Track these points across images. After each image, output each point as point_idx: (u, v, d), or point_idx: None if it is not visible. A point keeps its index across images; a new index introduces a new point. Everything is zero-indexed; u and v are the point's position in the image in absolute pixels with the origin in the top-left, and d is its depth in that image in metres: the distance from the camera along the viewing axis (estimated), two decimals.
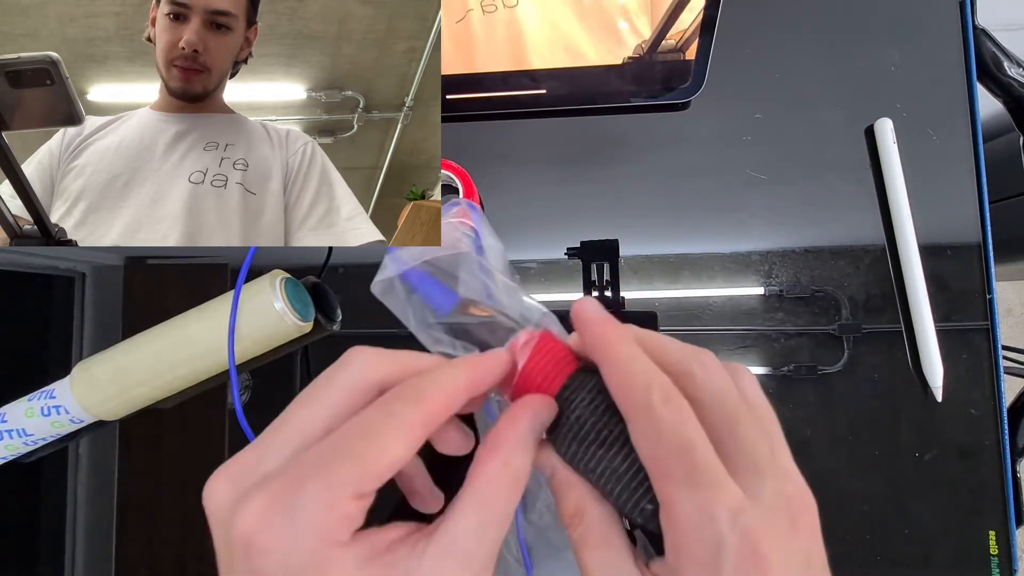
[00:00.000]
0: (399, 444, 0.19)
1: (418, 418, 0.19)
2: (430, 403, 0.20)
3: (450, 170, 0.45)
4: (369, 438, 0.18)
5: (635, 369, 0.20)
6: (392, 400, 0.20)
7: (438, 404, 0.20)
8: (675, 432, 0.19)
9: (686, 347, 0.22)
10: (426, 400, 0.20)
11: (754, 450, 0.19)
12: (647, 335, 0.22)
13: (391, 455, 0.18)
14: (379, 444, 0.18)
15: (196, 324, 0.40)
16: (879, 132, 0.48)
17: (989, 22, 0.50)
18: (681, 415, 0.19)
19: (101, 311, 0.51)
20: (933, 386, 0.46)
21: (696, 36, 0.45)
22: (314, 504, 0.17)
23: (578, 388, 0.22)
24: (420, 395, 0.20)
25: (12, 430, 0.41)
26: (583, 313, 0.22)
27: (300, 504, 0.17)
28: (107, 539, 0.48)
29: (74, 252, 0.51)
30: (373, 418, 0.19)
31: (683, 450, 0.19)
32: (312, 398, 0.21)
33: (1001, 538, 0.45)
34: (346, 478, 0.18)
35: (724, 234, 0.49)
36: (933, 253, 0.47)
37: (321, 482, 0.17)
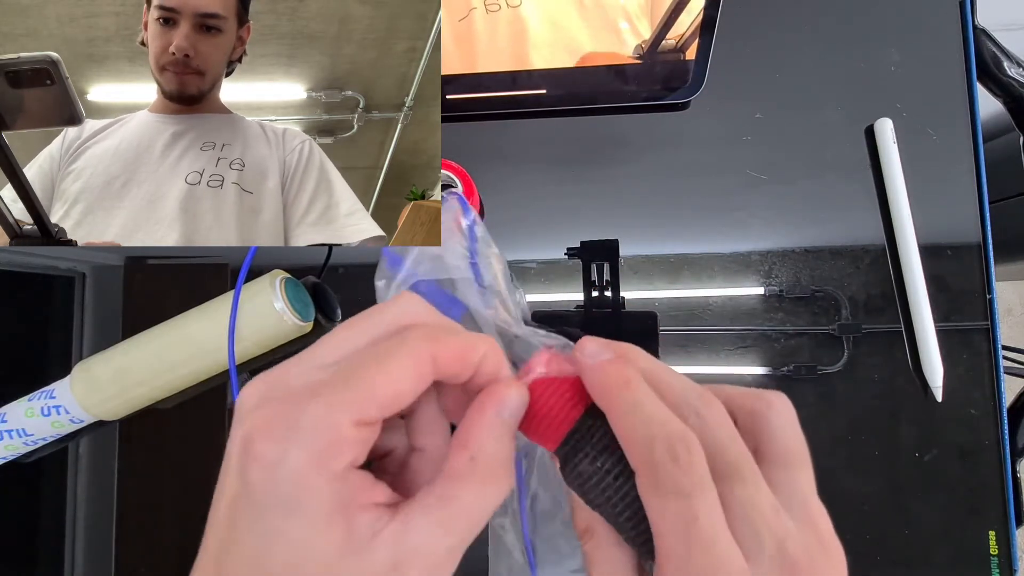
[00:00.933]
0: (406, 374, 0.18)
1: (428, 353, 0.19)
2: (445, 345, 0.19)
3: (450, 170, 0.44)
4: (377, 363, 0.18)
5: (637, 421, 0.19)
6: (408, 332, 0.19)
7: (453, 349, 0.19)
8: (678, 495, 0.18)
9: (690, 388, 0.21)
10: (441, 341, 0.19)
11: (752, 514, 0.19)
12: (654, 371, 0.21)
13: (395, 383, 0.18)
14: (385, 369, 0.18)
15: (196, 324, 0.40)
16: (879, 132, 0.48)
17: (989, 22, 0.50)
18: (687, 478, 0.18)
19: (101, 311, 0.51)
20: (933, 386, 0.46)
21: (696, 36, 0.45)
22: (314, 420, 0.17)
23: (584, 437, 0.21)
24: (437, 335, 0.19)
25: (12, 430, 0.41)
26: (581, 359, 0.21)
27: (301, 418, 0.17)
28: (107, 539, 0.48)
29: (74, 252, 0.51)
30: (386, 345, 0.19)
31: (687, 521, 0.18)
32: (355, 325, 0.20)
33: (1001, 538, 0.45)
34: (349, 399, 0.17)
35: (724, 234, 0.49)
36: (933, 253, 0.47)
37: (324, 401, 0.17)
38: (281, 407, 0.18)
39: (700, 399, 0.20)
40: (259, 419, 0.18)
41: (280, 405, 0.18)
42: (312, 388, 0.18)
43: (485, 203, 0.49)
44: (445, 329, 0.20)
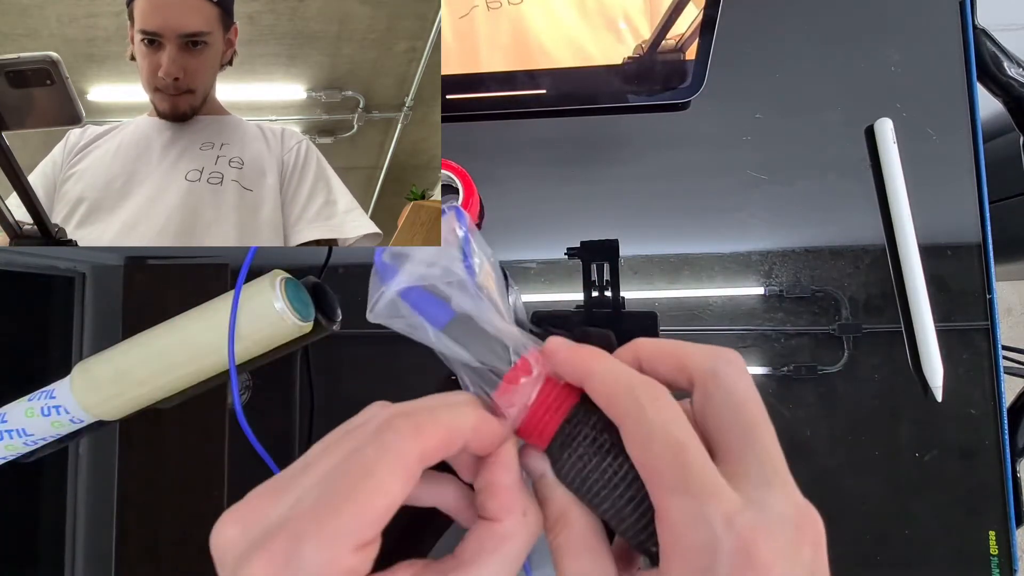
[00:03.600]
0: (395, 483, 0.18)
1: (414, 452, 0.18)
2: (426, 438, 0.19)
3: (450, 170, 0.44)
4: (364, 479, 0.18)
5: (616, 377, 0.20)
6: (385, 431, 0.19)
7: (436, 438, 0.19)
8: (664, 432, 0.19)
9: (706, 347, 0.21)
10: (423, 434, 0.19)
11: (771, 459, 0.19)
12: (663, 342, 0.22)
13: (387, 495, 0.18)
14: (374, 484, 0.18)
15: (196, 324, 0.40)
16: (879, 132, 0.48)
17: (989, 22, 0.50)
18: (669, 414, 0.19)
19: (101, 311, 0.51)
20: (933, 386, 0.46)
21: (696, 36, 0.45)
22: (314, 562, 0.17)
23: (581, 421, 0.21)
24: (418, 426, 0.19)
25: (12, 430, 0.41)
26: (550, 351, 0.22)
27: (299, 563, 0.16)
28: (107, 539, 0.48)
29: (74, 252, 0.51)
30: (367, 455, 0.18)
31: (674, 452, 0.18)
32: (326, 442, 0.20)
33: (1001, 538, 0.45)
34: (343, 529, 0.17)
35: (724, 234, 0.49)
36: (933, 253, 0.47)
37: (319, 538, 0.17)
38: (274, 554, 0.17)
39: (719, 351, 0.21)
40: (255, 573, 0.17)
41: (272, 552, 0.17)
42: (299, 524, 0.17)
43: (485, 203, 0.49)
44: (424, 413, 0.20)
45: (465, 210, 0.42)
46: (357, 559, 0.17)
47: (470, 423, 0.20)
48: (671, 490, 0.18)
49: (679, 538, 0.18)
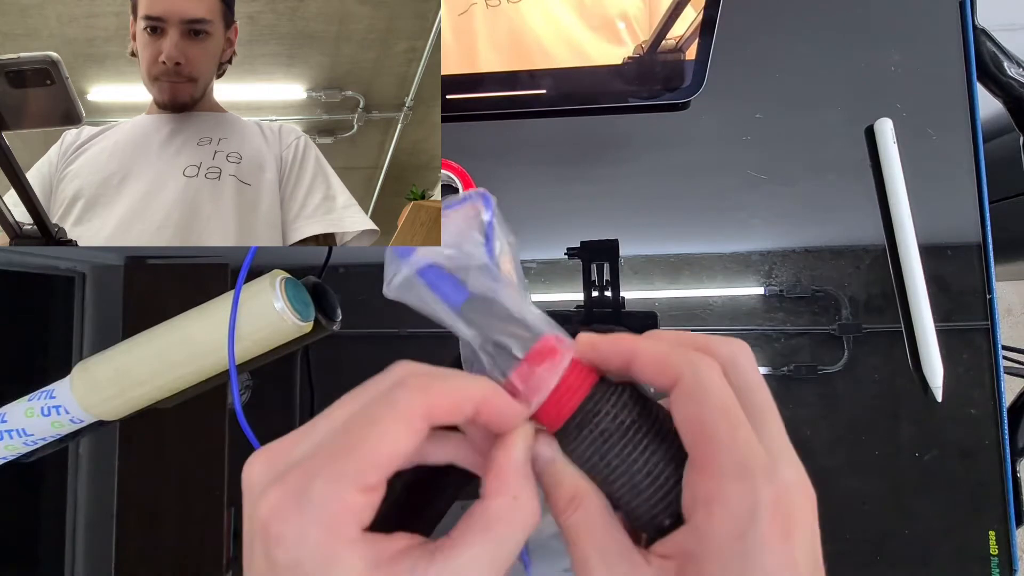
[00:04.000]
0: (399, 433, 0.19)
1: (419, 408, 0.20)
2: (434, 396, 0.20)
3: (450, 170, 0.45)
4: (371, 427, 0.19)
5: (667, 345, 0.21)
6: (396, 389, 0.20)
7: (442, 399, 0.20)
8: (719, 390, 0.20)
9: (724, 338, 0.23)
10: (431, 392, 0.20)
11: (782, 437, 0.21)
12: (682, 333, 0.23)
13: (391, 444, 0.19)
14: (379, 432, 0.19)
15: (196, 324, 0.40)
16: (879, 132, 0.48)
17: (989, 22, 0.50)
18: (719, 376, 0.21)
19: (101, 311, 0.51)
20: (933, 386, 0.46)
21: (696, 36, 0.45)
22: (321, 496, 0.18)
23: (603, 399, 0.22)
24: (426, 387, 0.20)
25: (12, 430, 0.41)
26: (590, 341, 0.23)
27: (309, 496, 0.18)
28: (107, 539, 0.48)
29: (74, 252, 0.51)
30: (376, 407, 0.20)
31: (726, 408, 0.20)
32: (353, 397, 0.21)
33: (1001, 538, 0.45)
34: (350, 470, 0.18)
35: (724, 234, 0.49)
36: (933, 253, 0.47)
37: (328, 475, 0.18)
38: (288, 487, 0.19)
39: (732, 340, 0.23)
40: (271, 502, 0.19)
41: (286, 485, 0.19)
42: (313, 462, 0.19)
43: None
44: (435, 378, 0.21)
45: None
46: (361, 500, 0.19)
47: (480, 393, 0.21)
48: (721, 445, 0.19)
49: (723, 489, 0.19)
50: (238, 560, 0.48)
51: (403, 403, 0.19)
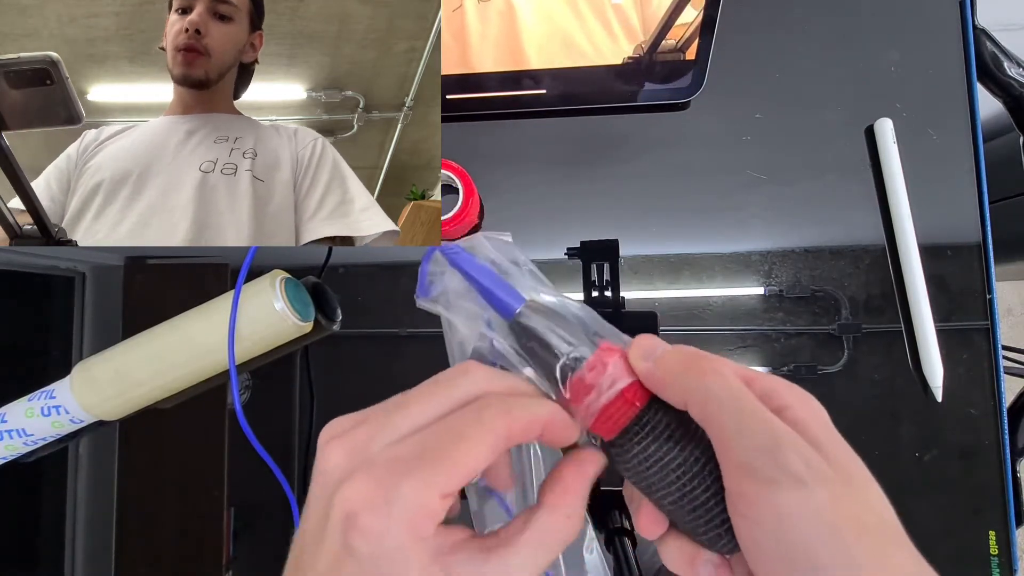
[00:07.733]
0: (484, 450, 0.21)
1: (503, 430, 0.21)
2: (516, 419, 0.21)
3: (450, 170, 0.44)
4: (459, 441, 0.20)
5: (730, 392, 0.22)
6: (483, 408, 0.21)
7: (523, 422, 0.22)
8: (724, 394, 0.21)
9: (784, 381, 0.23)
10: (513, 415, 0.21)
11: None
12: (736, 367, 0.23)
13: (476, 460, 0.20)
14: (466, 448, 0.20)
15: (196, 324, 0.40)
16: (879, 132, 0.48)
17: (989, 22, 0.50)
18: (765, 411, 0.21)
19: (101, 311, 0.51)
20: (933, 386, 0.46)
21: (696, 36, 0.45)
22: (410, 498, 0.19)
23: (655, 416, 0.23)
24: (509, 409, 0.21)
25: (12, 430, 0.41)
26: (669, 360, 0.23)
27: (398, 496, 0.19)
28: (107, 539, 0.48)
29: (74, 252, 0.51)
30: (466, 422, 0.21)
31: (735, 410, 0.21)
32: (430, 395, 0.22)
33: (1001, 538, 0.45)
34: (438, 478, 0.20)
35: (724, 234, 0.49)
36: (933, 253, 0.47)
37: (418, 479, 0.20)
38: (376, 482, 0.20)
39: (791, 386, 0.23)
40: (356, 493, 0.20)
41: (374, 479, 0.20)
42: (399, 463, 0.20)
43: (485, 203, 0.49)
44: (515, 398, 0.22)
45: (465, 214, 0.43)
46: (440, 505, 0.20)
47: (548, 415, 0.22)
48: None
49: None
50: (238, 560, 0.48)
51: (489, 424, 0.21)
